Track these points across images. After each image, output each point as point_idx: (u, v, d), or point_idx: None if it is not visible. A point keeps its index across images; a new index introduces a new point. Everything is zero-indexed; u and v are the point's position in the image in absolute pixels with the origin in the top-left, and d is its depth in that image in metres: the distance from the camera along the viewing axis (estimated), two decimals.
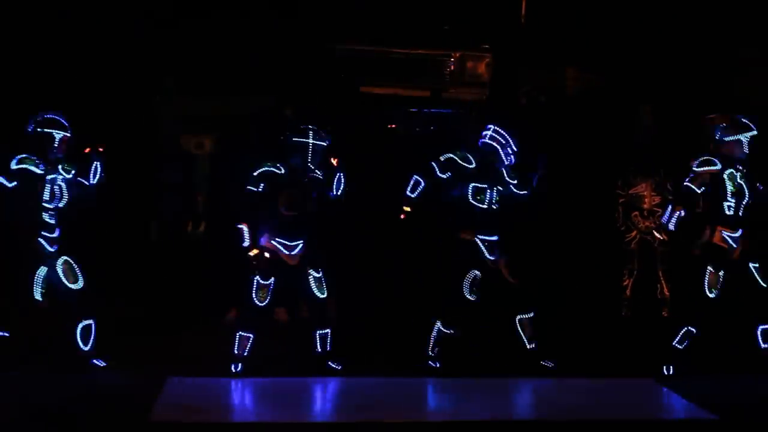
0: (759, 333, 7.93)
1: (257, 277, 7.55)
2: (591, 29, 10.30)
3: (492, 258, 7.83)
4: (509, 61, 10.48)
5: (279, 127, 8.09)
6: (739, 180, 7.78)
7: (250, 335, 7.57)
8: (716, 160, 7.75)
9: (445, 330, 7.89)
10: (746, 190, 7.80)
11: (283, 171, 7.57)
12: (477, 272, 7.80)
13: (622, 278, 9.21)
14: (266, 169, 7.55)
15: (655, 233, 9.13)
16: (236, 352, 7.57)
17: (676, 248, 9.10)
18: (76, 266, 7.56)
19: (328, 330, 7.73)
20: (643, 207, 9.11)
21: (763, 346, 7.93)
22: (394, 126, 10.29)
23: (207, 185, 10.43)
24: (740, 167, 7.79)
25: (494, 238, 7.85)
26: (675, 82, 10.04)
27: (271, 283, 7.56)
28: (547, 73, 10.42)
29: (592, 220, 9.45)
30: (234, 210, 7.69)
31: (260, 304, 7.56)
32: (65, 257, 7.54)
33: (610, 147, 9.56)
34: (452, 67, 10.43)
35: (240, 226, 7.53)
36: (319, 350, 7.71)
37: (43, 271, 7.49)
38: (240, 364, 7.57)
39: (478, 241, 7.82)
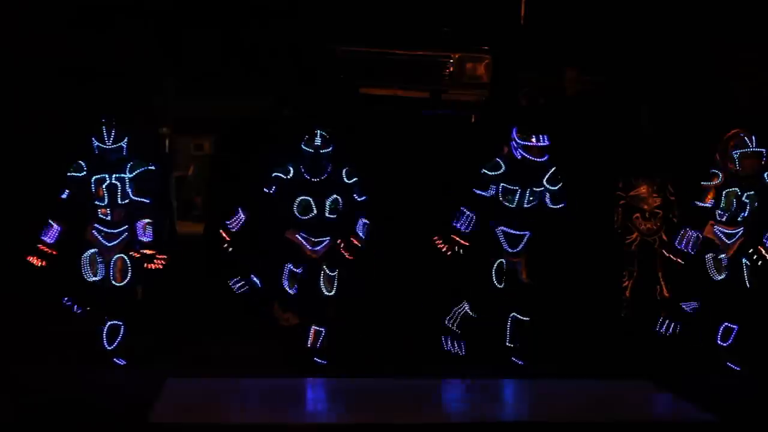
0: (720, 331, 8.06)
1: (289, 265, 7.67)
2: (590, 30, 10.31)
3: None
4: (508, 63, 10.49)
5: (287, 129, 8.07)
6: (744, 199, 7.92)
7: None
8: (718, 172, 7.93)
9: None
10: (748, 206, 7.94)
11: (290, 175, 7.60)
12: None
13: (622, 279, 9.19)
14: (276, 174, 7.61)
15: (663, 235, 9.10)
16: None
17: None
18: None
19: (324, 329, 7.77)
20: (644, 209, 9.09)
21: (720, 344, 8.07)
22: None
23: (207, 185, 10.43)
24: (745, 183, 7.91)
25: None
26: (675, 83, 10.05)
27: (300, 272, 7.70)
28: (547, 75, 10.43)
29: (592, 221, 9.43)
30: (252, 210, 7.71)
31: (291, 292, 7.72)
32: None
33: (611, 148, 9.56)
34: (452, 69, 10.47)
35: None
36: (309, 345, 7.76)
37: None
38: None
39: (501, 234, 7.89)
